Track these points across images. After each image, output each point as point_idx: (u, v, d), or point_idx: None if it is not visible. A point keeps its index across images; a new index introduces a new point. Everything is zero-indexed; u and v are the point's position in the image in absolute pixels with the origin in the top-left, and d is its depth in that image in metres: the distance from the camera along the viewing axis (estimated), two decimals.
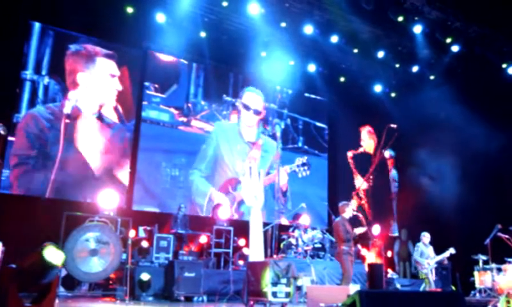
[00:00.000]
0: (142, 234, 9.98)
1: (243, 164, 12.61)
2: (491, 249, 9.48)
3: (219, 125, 12.63)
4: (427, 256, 9.64)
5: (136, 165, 11.25)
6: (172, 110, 12.06)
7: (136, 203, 11.07)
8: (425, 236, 9.89)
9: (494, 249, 9.57)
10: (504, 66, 12.81)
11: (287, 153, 12.96)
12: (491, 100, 12.52)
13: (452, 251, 9.50)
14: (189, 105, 12.38)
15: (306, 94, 14.22)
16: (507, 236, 9.17)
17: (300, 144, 13.75)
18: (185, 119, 12.22)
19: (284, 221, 11.61)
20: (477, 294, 10.18)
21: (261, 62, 12.67)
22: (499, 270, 9.56)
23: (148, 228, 10.09)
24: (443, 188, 12.45)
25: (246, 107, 13.15)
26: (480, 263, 9.81)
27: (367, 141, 14.85)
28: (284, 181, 12.80)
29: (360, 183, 14.33)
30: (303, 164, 12.34)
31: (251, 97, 13.31)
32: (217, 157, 12.40)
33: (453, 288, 11.15)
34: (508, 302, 8.02)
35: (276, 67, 12.87)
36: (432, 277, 9.61)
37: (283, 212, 12.04)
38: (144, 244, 9.65)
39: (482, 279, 9.91)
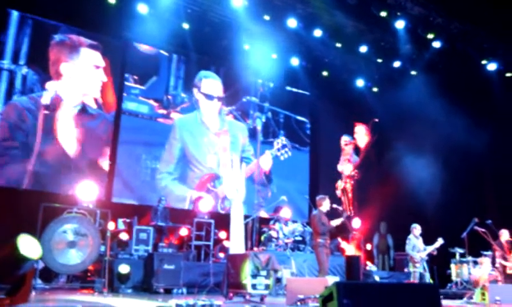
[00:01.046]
0: (121, 226, 9.89)
1: (216, 157, 12.37)
2: (468, 242, 9.63)
3: (180, 120, 12.19)
4: (419, 250, 9.51)
5: (115, 157, 11.14)
6: (151, 102, 11.87)
7: (116, 195, 10.96)
8: (416, 228, 9.68)
9: (471, 242, 9.72)
10: (484, 62, 13.00)
11: (268, 147, 12.92)
12: (472, 96, 12.70)
13: (441, 241, 9.37)
14: (169, 97, 12.19)
15: (288, 88, 14.19)
16: (483, 229, 9.31)
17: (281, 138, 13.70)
18: (164, 112, 12.01)
19: (263, 214, 11.60)
20: (454, 286, 10.37)
21: (244, 55, 12.61)
22: (475, 263, 9.73)
23: (128, 220, 10.02)
24: (423, 181, 12.61)
25: (209, 97, 12.69)
26: (457, 256, 9.95)
27: (362, 138, 14.91)
28: (269, 166, 12.74)
29: (348, 171, 14.40)
30: (283, 146, 12.26)
31: (210, 84, 12.85)
32: (185, 155, 12.03)
33: (430, 280, 11.34)
34: (483, 294, 8.18)
35: (259, 60, 12.83)
36: (423, 270, 9.44)
37: (262, 206, 12.00)
38: (124, 236, 9.58)
39: (458, 271, 10.05)
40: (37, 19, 10.59)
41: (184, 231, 10.33)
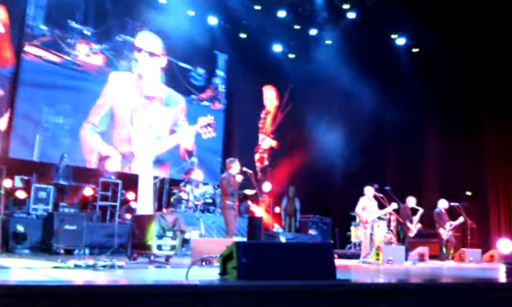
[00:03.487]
0: (18, 184, 9.21)
1: (144, 122, 11.84)
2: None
3: (115, 76, 11.52)
4: (370, 211, 9.37)
5: (14, 110, 10.24)
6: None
7: (13, 151, 10.12)
8: (367, 189, 9.53)
9: None
10: (394, 36, 13.60)
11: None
12: (382, 69, 13.29)
13: (394, 205, 9.39)
14: (26, 29, 10.57)
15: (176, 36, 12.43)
16: (381, 195, 9.90)
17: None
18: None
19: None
20: (352, 247, 11.10)
21: (159, 9, 12.06)
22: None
23: (26, 178, 9.34)
24: (331, 148, 13.14)
25: (139, 50, 11.98)
26: (357, 219, 10.53)
27: (271, 101, 15.05)
28: (191, 143, 12.52)
29: (263, 141, 14.57)
30: (208, 125, 12.06)
31: (146, 38, 12.18)
32: (113, 113, 11.45)
33: (332, 241, 12.00)
34: (377, 254, 8.80)
35: (175, 16, 12.30)
36: (376, 231, 9.35)
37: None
38: (21, 194, 8.97)
39: (357, 233, 10.71)
40: None
41: (88, 191, 9.90)
